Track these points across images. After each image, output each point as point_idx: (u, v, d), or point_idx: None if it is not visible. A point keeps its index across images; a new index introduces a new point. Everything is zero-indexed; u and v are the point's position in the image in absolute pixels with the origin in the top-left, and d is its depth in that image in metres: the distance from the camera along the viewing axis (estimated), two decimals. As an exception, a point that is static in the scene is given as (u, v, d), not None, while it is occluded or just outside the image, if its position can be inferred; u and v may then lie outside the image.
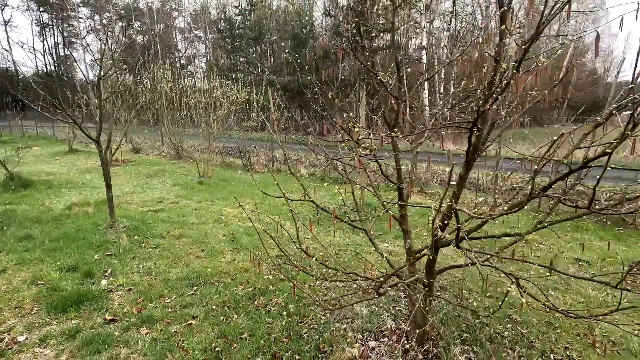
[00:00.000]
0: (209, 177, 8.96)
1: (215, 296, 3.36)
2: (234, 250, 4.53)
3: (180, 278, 3.70)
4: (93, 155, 13.52)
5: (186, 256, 4.29)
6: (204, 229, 5.30)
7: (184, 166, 11.15)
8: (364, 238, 5.23)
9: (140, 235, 4.83)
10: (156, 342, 2.67)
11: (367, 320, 2.94)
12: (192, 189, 7.96)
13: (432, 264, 2.31)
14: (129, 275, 3.75)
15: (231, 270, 3.95)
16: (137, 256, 4.22)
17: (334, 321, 2.98)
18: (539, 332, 2.94)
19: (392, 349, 2.54)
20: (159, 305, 3.19)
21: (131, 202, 6.73)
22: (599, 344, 2.84)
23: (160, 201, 6.91)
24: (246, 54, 26.36)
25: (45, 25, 42.88)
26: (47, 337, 2.68)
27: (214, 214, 6.12)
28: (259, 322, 2.95)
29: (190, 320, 2.96)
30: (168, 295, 3.39)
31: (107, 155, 4.60)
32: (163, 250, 4.42)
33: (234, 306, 3.19)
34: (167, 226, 5.28)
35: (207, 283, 3.64)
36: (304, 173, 10.20)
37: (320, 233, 5.35)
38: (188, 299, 3.32)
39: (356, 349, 2.55)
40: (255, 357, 2.52)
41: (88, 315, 3.01)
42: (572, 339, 2.88)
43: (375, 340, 2.66)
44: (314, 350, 2.59)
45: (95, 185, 8.13)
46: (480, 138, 1.81)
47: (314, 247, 4.75)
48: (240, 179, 9.43)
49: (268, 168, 8.35)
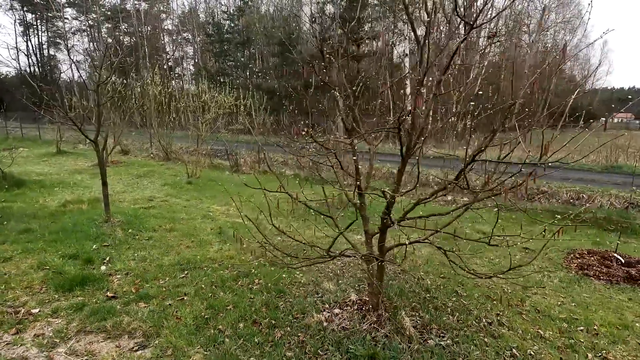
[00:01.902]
0: (197, 177, 9.37)
1: (204, 278, 3.83)
2: (220, 242, 5.00)
3: (172, 264, 4.15)
4: (81, 157, 13.74)
5: (177, 246, 4.73)
6: (193, 223, 5.75)
7: (172, 167, 11.51)
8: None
9: (134, 228, 5.25)
10: (153, 313, 3.13)
11: (334, 295, 3.47)
12: (181, 189, 8.36)
13: (382, 242, 2.84)
14: (126, 262, 4.18)
15: (218, 257, 4.42)
16: (132, 246, 4.65)
17: (306, 296, 3.49)
18: (478, 302, 3.51)
19: (353, 315, 3.06)
20: (154, 285, 3.65)
21: (123, 200, 7.11)
22: (526, 312, 3.42)
23: (151, 199, 7.31)
24: (234, 58, 26.77)
25: (29, 25, 42.39)
26: (57, 309, 3.11)
27: (202, 211, 6.56)
28: (242, 297, 3.44)
29: (182, 297, 3.43)
30: (162, 277, 3.84)
31: (103, 155, 5.01)
32: (156, 242, 4.86)
33: (221, 285, 3.67)
34: (158, 221, 5.70)
35: (196, 268, 4.10)
36: (288, 174, 10.70)
37: (301, 227, 5.84)
38: (180, 280, 3.78)
39: (322, 315, 3.06)
40: (238, 323, 3.01)
41: (92, 293, 3.44)
42: (505, 309, 3.46)
43: (340, 309, 3.18)
44: (288, 317, 3.09)
45: (87, 185, 8.45)
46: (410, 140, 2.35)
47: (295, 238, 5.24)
48: (228, 179, 9.86)
49: (254, 171, 8.83)
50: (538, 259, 4.84)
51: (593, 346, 2.92)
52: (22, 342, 2.69)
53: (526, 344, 2.90)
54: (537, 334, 3.07)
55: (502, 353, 2.76)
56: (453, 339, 2.86)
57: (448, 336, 2.89)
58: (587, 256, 4.67)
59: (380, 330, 2.84)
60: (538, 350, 2.83)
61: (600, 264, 4.45)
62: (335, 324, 2.95)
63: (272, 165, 9.57)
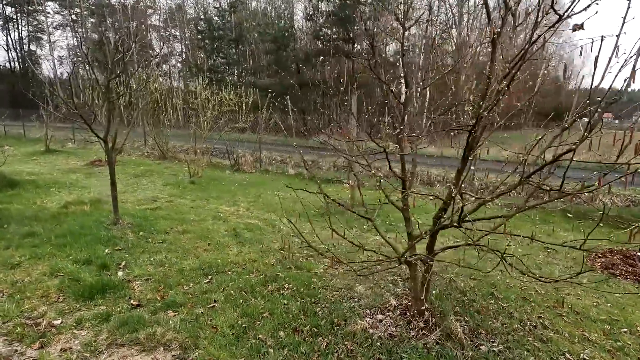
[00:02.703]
0: (199, 177, 9.11)
1: (230, 283, 3.65)
2: (238, 244, 4.81)
3: (193, 268, 3.95)
4: (72, 155, 13.24)
5: (194, 249, 4.53)
6: (205, 225, 5.53)
7: (170, 167, 11.19)
8: (357, 231, 5.64)
9: (145, 231, 5.01)
10: (185, 322, 2.94)
11: (372, 299, 3.34)
12: (184, 189, 8.10)
13: (433, 244, 2.73)
14: (143, 267, 3.95)
15: (240, 261, 4.24)
16: (146, 250, 4.42)
17: (342, 301, 3.35)
18: (517, 305, 3.44)
19: (397, 321, 2.94)
20: (179, 292, 3.45)
21: (126, 201, 6.82)
22: (565, 313, 3.37)
23: (154, 200, 7.05)
24: (226, 55, 26.33)
25: (9, 19, 40.74)
26: (81, 320, 2.89)
27: (211, 212, 6.34)
28: (275, 303, 3.27)
29: (212, 304, 3.24)
30: (185, 283, 3.64)
31: (113, 154, 4.76)
32: (170, 245, 4.63)
33: (250, 291, 3.50)
34: (168, 223, 5.47)
35: (220, 272, 3.91)
36: (291, 173, 10.52)
37: (316, 228, 5.70)
38: (205, 286, 3.59)
39: (366, 321, 2.93)
40: (278, 332, 2.85)
41: (114, 301, 3.22)
42: (544, 311, 3.40)
43: (382, 314, 3.06)
44: (330, 324, 2.95)
45: (84, 185, 8.11)
46: (475, 139, 2.24)
47: (311, 240, 5.09)
48: (230, 178, 9.62)
49: (256, 169, 8.64)
50: (562, 259, 4.82)
51: (642, 348, 2.88)
52: (49, 357, 2.47)
53: (576, 347, 2.84)
54: (582, 336, 3.01)
55: (555, 358, 2.69)
56: (504, 344, 2.78)
57: (498, 341, 2.80)
58: (609, 255, 4.68)
59: (429, 336, 2.73)
60: (590, 354, 2.76)
61: (624, 263, 4.45)
62: (380, 331, 2.83)
63: (311, 168, 9.43)
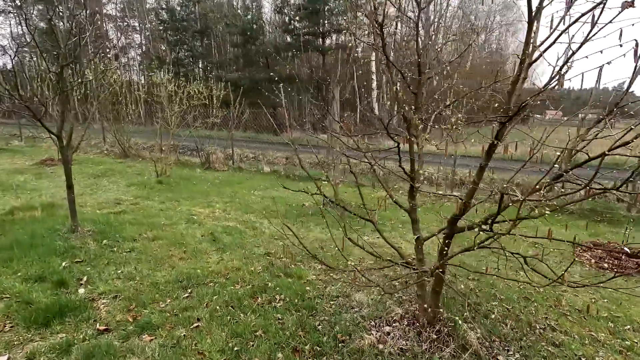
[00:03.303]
0: (167, 176, 8.44)
1: (214, 297, 3.23)
2: (218, 250, 4.37)
3: (169, 281, 3.49)
4: (19, 154, 11.95)
5: (168, 258, 4.04)
6: (178, 229, 5.02)
7: (134, 165, 10.34)
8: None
9: (109, 239, 4.44)
10: (165, 348, 2.51)
11: (374, 309, 3.07)
12: (151, 189, 7.44)
13: (447, 248, 2.49)
14: (110, 281, 3.44)
15: (222, 269, 3.81)
16: (112, 261, 3.88)
17: (342, 312, 3.05)
18: (521, 306, 3.31)
19: (406, 332, 2.69)
20: (155, 310, 2.99)
21: (84, 205, 6.10)
22: (568, 312, 3.28)
23: (118, 202, 6.37)
24: (191, 47, 25.06)
25: (-60, 2, 36.44)
26: (35, 354, 2.38)
27: (184, 214, 5.81)
28: (268, 318, 2.91)
29: (195, 323, 2.82)
30: (161, 299, 3.18)
31: (69, 152, 4.14)
32: (140, 254, 4.11)
33: (238, 305, 3.11)
34: (136, 228, 4.90)
35: (200, 284, 3.48)
36: (266, 170, 10.07)
37: (301, 229, 5.36)
38: (185, 301, 3.15)
39: (373, 336, 2.65)
40: (276, 353, 2.50)
41: (75, 327, 2.72)
42: (548, 310, 3.30)
43: (388, 325, 2.79)
44: (333, 341, 2.64)
45: (34, 188, 7.22)
46: (502, 133, 2.01)
47: (297, 243, 4.75)
48: (201, 177, 9.01)
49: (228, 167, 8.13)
50: (551, 254, 4.82)
51: (649, 346, 2.83)
52: (-8, 408, 1.98)
53: (588, 350, 2.73)
54: (591, 337, 2.92)
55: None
56: (519, 351, 2.60)
57: (513, 349, 2.62)
58: (594, 249, 4.73)
59: (444, 349, 2.50)
60: (603, 356, 2.66)
61: (609, 257, 4.50)
62: (390, 346, 2.56)
63: (324, 165, 9.04)
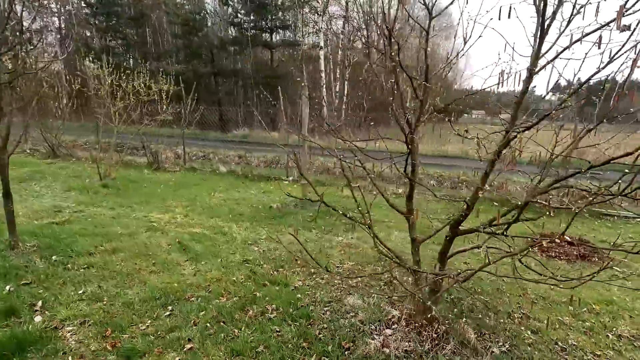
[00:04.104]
0: (112, 178, 7.63)
1: (200, 313, 3.00)
2: (190, 260, 4.06)
3: (144, 299, 3.16)
4: None
5: (136, 273, 3.66)
6: (139, 239, 4.57)
7: (67, 166, 9.19)
8: (317, 234, 5.32)
9: (59, 254, 3.89)
10: (159, 377, 2.27)
11: (370, 313, 3.08)
12: (96, 194, 6.67)
13: (447, 250, 2.59)
14: (72, 305, 3.01)
15: (201, 282, 3.55)
16: (69, 281, 3.40)
17: (339, 318, 3.02)
18: (497, 298, 3.58)
19: (407, 333, 2.75)
20: (136, 334, 2.69)
21: (16, 214, 5.26)
22: (535, 301, 3.63)
23: (58, 210, 5.61)
24: (125, 35, 22.92)
25: None
26: (-3, 403, 1.99)
27: (142, 222, 5.31)
28: (265, 332, 2.78)
29: (187, 345, 2.59)
30: (140, 321, 2.87)
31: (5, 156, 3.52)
32: (101, 270, 3.67)
33: (229, 320, 2.92)
34: (90, 240, 4.36)
35: (181, 300, 3.20)
36: (223, 170, 9.62)
37: (273, 233, 5.21)
38: (168, 321, 2.88)
39: (377, 340, 2.67)
40: (283, 369, 2.40)
41: (42, 363, 2.33)
42: (519, 300, 3.61)
43: (388, 328, 2.83)
44: (338, 349, 2.60)
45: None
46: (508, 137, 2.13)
47: (274, 247, 4.62)
48: (152, 179, 8.31)
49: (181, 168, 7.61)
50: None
51: (604, 325, 3.23)
52: None
53: (560, 333, 3.03)
54: (559, 321, 3.25)
55: (551, 347, 2.82)
56: (507, 342, 2.81)
57: (502, 340, 2.82)
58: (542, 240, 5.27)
59: (446, 347, 2.60)
60: (574, 338, 2.98)
61: (557, 246, 5.06)
62: (394, 348, 2.60)
63: (346, 170, 8.69)
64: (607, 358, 2.76)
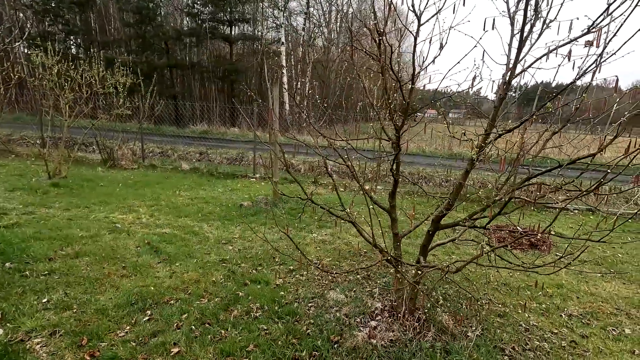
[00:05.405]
0: (63, 177, 7.04)
1: (182, 315, 2.91)
2: (163, 262, 3.90)
3: (119, 305, 3.00)
4: None
5: (106, 277, 3.45)
6: (103, 241, 4.30)
7: (6, 164, 8.31)
8: (292, 231, 5.33)
9: (14, 261, 3.56)
10: (147, 384, 2.19)
11: (353, 306, 3.18)
12: (45, 194, 6.13)
13: (428, 244, 2.75)
14: (37, 315, 2.79)
15: (179, 284, 3.44)
16: (29, 289, 3.13)
17: (323, 313, 3.09)
18: (465, 285, 3.85)
19: (390, 324, 2.88)
20: (116, 341, 2.55)
21: (-48, 218, 4.71)
22: (497, 287, 3.96)
23: (3, 213, 5.09)
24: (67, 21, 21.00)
25: None
26: None
27: (103, 223, 4.98)
28: (253, 331, 2.77)
29: (173, 349, 2.51)
30: (117, 327, 2.72)
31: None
32: (65, 276, 3.41)
33: (214, 321, 2.87)
34: (47, 244, 4.02)
35: (159, 303, 3.08)
36: (186, 168, 9.24)
37: (246, 232, 5.13)
38: (149, 325, 2.76)
39: (363, 332, 2.77)
40: (275, 366, 2.41)
41: (12, 380, 2.15)
42: (483, 287, 3.91)
43: (372, 319, 2.95)
44: (327, 343, 2.67)
45: None
46: (487, 138, 2.32)
47: (249, 246, 4.58)
48: (108, 177, 7.77)
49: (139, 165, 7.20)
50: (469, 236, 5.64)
51: (557, 306, 3.62)
52: None
53: (523, 316, 3.35)
54: (519, 304, 3.58)
55: (518, 330, 3.11)
56: (479, 326, 3.05)
57: (475, 325, 3.06)
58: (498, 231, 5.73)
59: (427, 334, 2.77)
60: (535, 320, 3.30)
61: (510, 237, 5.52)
62: (380, 339, 2.72)
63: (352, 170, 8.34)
64: (562, 335, 3.10)
